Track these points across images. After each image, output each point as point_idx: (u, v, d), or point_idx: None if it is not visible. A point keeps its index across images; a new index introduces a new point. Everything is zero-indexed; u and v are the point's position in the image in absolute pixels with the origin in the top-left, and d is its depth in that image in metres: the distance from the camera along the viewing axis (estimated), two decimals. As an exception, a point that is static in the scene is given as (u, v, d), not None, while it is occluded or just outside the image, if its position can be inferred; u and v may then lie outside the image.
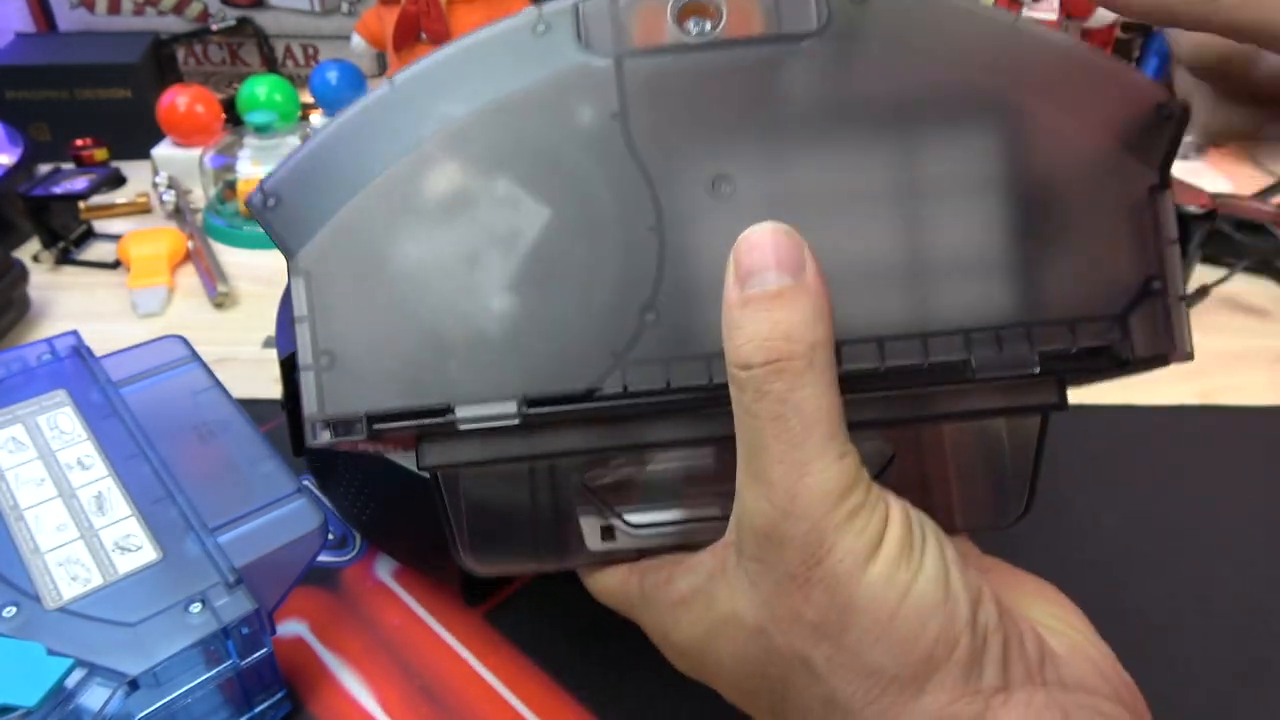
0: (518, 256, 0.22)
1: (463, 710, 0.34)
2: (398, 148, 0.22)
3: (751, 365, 0.20)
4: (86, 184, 0.65)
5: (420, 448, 0.23)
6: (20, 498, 0.33)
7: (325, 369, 0.22)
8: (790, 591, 0.21)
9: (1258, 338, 0.60)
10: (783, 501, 0.20)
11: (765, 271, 0.20)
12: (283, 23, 0.87)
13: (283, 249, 0.22)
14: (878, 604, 0.20)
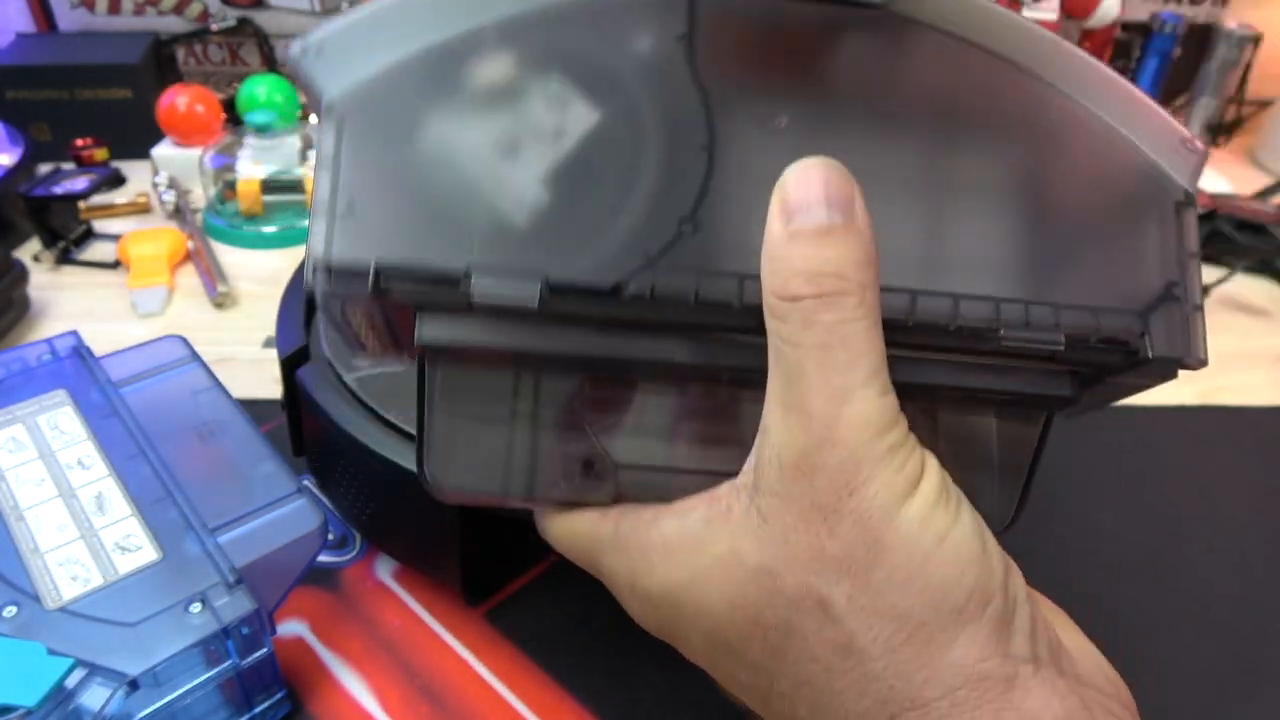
0: (558, 152, 0.21)
1: (463, 710, 0.34)
2: (457, 23, 0.21)
3: (801, 297, 0.19)
4: (86, 184, 0.65)
5: (420, 320, 0.22)
6: (20, 498, 0.33)
7: (341, 215, 0.20)
8: (815, 523, 0.20)
9: (1258, 338, 0.60)
10: (820, 429, 0.19)
11: (815, 206, 0.20)
12: (283, 23, 0.87)
13: (314, 93, 0.21)
14: (912, 544, 0.19)
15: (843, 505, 0.19)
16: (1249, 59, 0.83)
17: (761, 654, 0.21)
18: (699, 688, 0.35)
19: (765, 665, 0.21)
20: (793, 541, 0.20)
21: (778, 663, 0.21)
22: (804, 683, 0.20)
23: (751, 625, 0.21)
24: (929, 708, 0.19)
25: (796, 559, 0.20)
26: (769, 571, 0.20)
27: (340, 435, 0.36)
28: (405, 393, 0.38)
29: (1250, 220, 0.66)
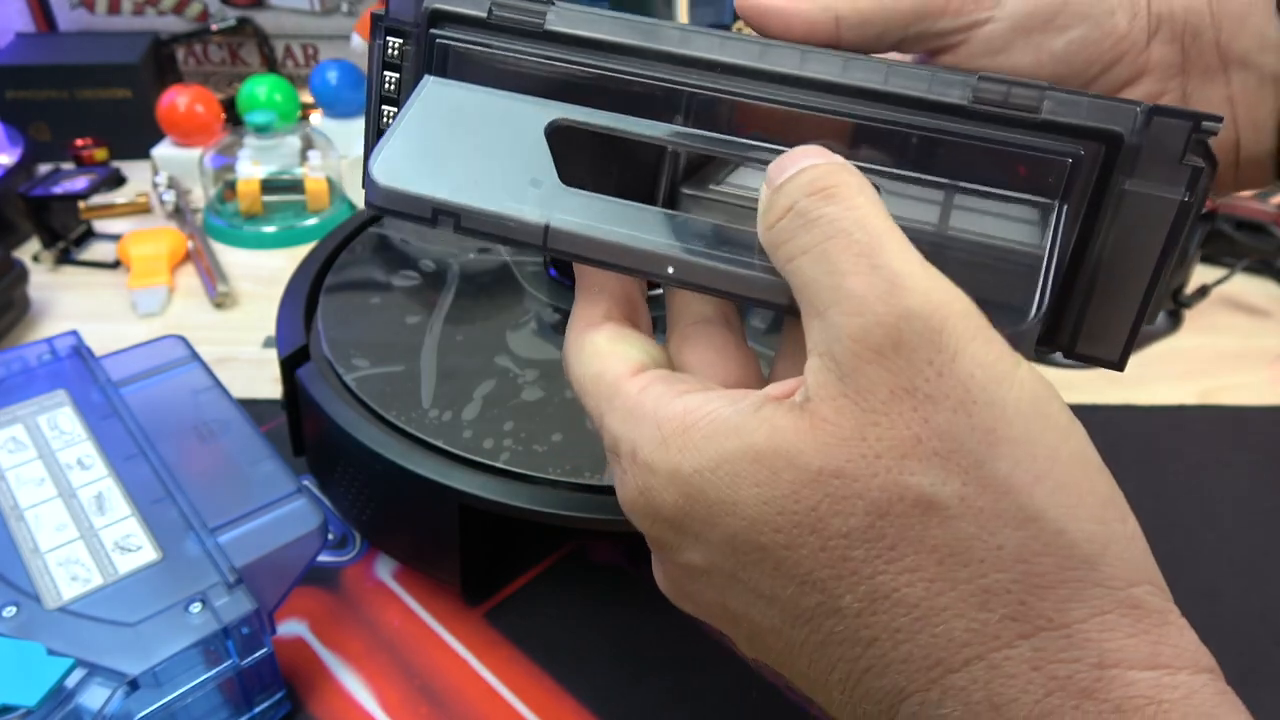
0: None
1: (462, 710, 0.34)
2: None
3: (792, 205, 0.18)
4: (86, 184, 0.65)
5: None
6: (20, 498, 0.33)
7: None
8: (902, 412, 0.17)
9: (1258, 338, 0.60)
10: (876, 305, 0.17)
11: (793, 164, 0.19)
12: (283, 23, 0.87)
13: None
14: (1034, 434, 0.17)
15: (934, 388, 0.17)
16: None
17: (815, 566, 0.18)
18: (699, 687, 0.35)
19: (817, 579, 0.18)
20: (873, 438, 0.17)
21: (841, 576, 0.17)
22: (885, 597, 0.17)
23: (805, 533, 0.17)
24: (1072, 630, 0.16)
25: (881, 457, 0.17)
26: (838, 474, 0.17)
27: (340, 435, 0.36)
28: (405, 393, 0.38)
29: (1250, 220, 0.66)
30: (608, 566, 0.40)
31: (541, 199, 0.22)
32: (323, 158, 0.67)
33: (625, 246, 0.22)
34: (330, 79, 0.76)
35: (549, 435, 0.36)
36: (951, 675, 0.17)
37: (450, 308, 0.44)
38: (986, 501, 0.16)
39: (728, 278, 0.21)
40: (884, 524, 0.17)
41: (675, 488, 0.19)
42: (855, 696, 0.18)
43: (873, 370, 0.17)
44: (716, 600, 0.20)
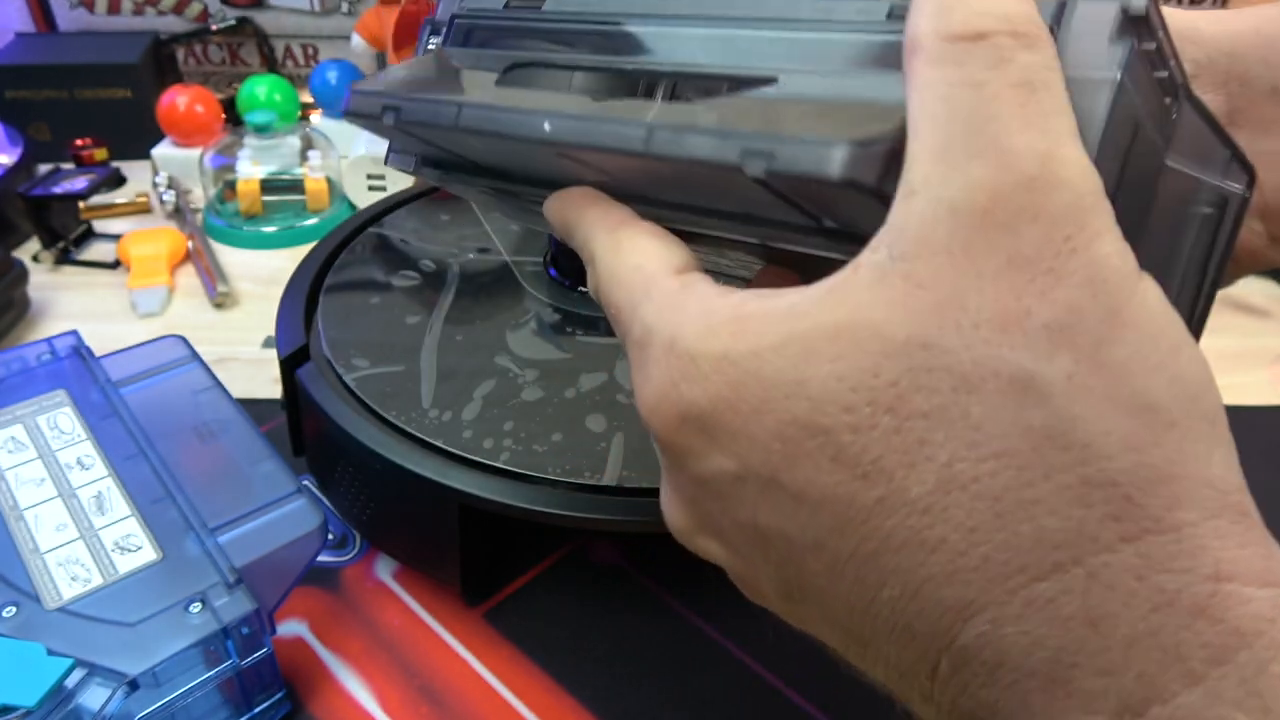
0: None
1: (463, 710, 0.34)
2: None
3: (989, 33, 0.16)
4: (86, 184, 0.65)
5: None
6: (20, 498, 0.33)
7: None
8: (1015, 283, 0.15)
9: (1258, 338, 0.60)
10: (1029, 165, 0.15)
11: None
12: (282, 23, 0.87)
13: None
14: (1159, 324, 0.15)
15: (1062, 263, 0.15)
16: (1249, 59, 0.83)
17: (884, 451, 0.15)
18: (699, 688, 0.35)
19: (884, 467, 0.15)
20: (973, 306, 0.15)
21: (914, 464, 0.15)
22: (963, 487, 0.15)
23: (879, 411, 0.15)
24: (1183, 535, 0.14)
25: (979, 328, 0.15)
26: (926, 344, 0.15)
27: (340, 435, 0.36)
28: (405, 393, 0.38)
29: (1250, 220, 0.66)
30: (608, 566, 0.40)
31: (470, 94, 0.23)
32: (323, 158, 0.67)
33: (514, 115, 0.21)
34: (330, 79, 0.76)
35: (549, 435, 0.36)
36: (1038, 584, 0.14)
37: (450, 308, 0.44)
38: (1099, 382, 0.14)
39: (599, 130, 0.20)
40: (970, 401, 0.15)
41: (721, 375, 0.17)
42: (905, 619, 0.16)
43: (997, 234, 0.15)
44: (745, 517, 0.17)
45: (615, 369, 0.40)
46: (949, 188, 0.15)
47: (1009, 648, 0.15)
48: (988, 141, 0.15)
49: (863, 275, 0.16)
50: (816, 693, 0.35)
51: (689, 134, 0.19)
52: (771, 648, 0.36)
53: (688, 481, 0.18)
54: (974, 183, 0.15)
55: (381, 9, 0.77)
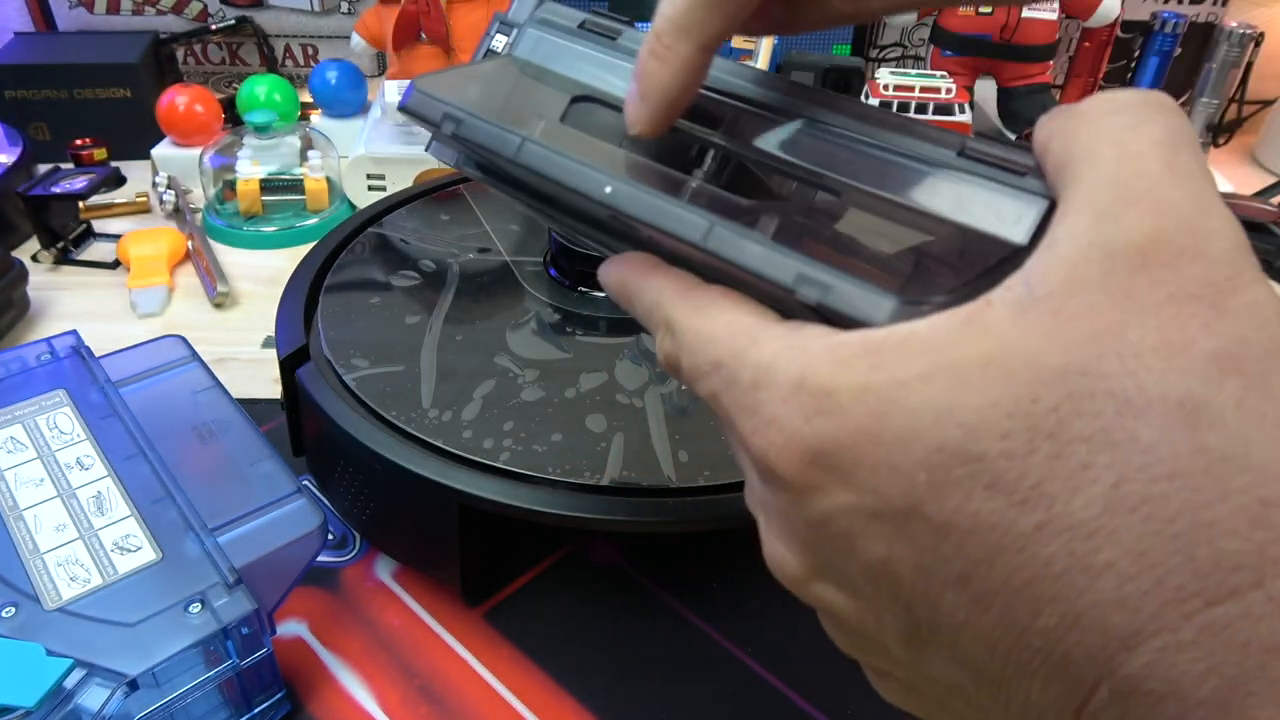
0: None
1: (463, 710, 0.34)
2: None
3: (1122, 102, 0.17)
4: (86, 184, 0.65)
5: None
6: (19, 498, 0.33)
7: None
8: (1179, 316, 0.15)
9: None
10: (1191, 218, 0.15)
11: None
12: (282, 22, 0.87)
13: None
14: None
15: (1224, 300, 0.15)
16: (1250, 58, 0.83)
17: (1044, 476, 0.15)
18: (699, 687, 0.35)
19: (1045, 491, 0.15)
20: (1135, 337, 0.15)
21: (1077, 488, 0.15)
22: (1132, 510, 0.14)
23: (1039, 437, 0.15)
24: None
25: (1142, 356, 0.15)
26: (1086, 371, 0.15)
27: (340, 435, 0.36)
28: (405, 392, 0.38)
29: (1251, 220, 0.66)
30: (608, 566, 0.40)
31: (535, 129, 0.24)
32: (322, 158, 0.67)
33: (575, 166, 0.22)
34: (330, 79, 0.76)
35: (549, 435, 0.36)
36: (1214, 609, 0.14)
37: (450, 308, 0.44)
38: (1271, 408, 0.14)
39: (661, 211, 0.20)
40: (1138, 425, 0.14)
41: (862, 406, 0.16)
42: (1061, 650, 0.15)
43: (1159, 272, 0.15)
44: (875, 556, 0.17)
45: (615, 369, 0.40)
46: (1102, 233, 0.16)
47: (1179, 676, 0.14)
48: (1141, 194, 0.16)
49: (1000, 309, 0.16)
50: (817, 693, 0.35)
51: (748, 241, 0.19)
52: (772, 648, 0.36)
53: (809, 524, 0.18)
54: (1132, 227, 0.15)
55: (381, 8, 0.77)
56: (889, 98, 0.72)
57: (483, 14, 0.75)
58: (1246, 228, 0.28)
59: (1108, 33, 0.85)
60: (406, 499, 0.36)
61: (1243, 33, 0.82)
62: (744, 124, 0.24)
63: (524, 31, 0.28)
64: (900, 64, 0.93)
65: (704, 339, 0.19)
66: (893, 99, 0.72)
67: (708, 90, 0.24)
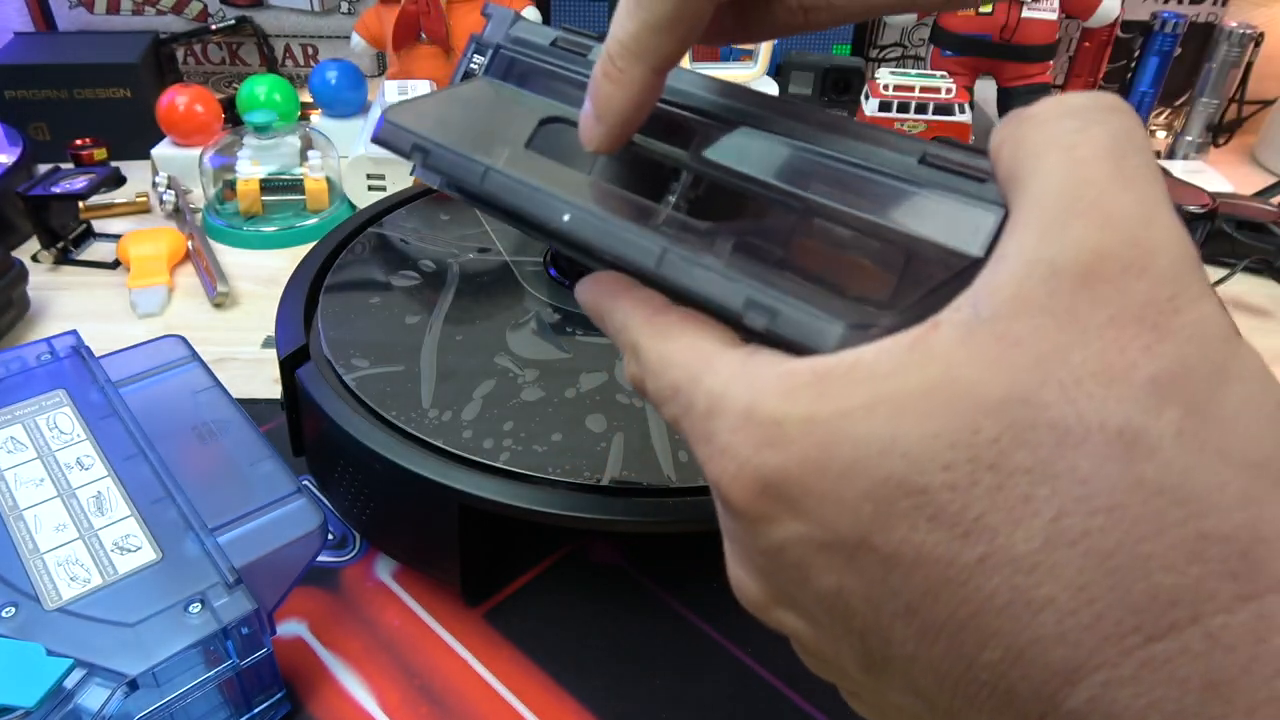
0: None
1: (463, 710, 0.34)
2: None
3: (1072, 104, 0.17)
4: (86, 184, 0.65)
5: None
6: (19, 498, 0.33)
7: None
8: (1120, 339, 0.15)
9: (1258, 338, 0.60)
10: (1137, 229, 0.15)
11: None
12: (282, 22, 0.87)
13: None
14: (1261, 380, 0.15)
15: (1167, 320, 0.15)
16: (1250, 58, 0.83)
17: (986, 508, 0.15)
18: (699, 687, 0.35)
19: (987, 524, 0.15)
20: (1077, 361, 0.15)
21: (1018, 520, 0.15)
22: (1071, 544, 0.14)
23: (980, 469, 0.15)
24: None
25: (1082, 383, 0.14)
26: (1027, 400, 0.15)
27: (340, 435, 0.36)
28: (405, 393, 0.38)
29: (1251, 220, 0.66)
30: (608, 566, 0.40)
31: (500, 156, 0.24)
32: (322, 158, 0.67)
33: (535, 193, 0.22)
34: (330, 79, 0.76)
35: (549, 435, 0.36)
36: (1154, 644, 0.14)
37: (450, 308, 0.44)
38: (1211, 436, 0.14)
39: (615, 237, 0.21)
40: (1077, 456, 0.14)
41: (808, 437, 0.16)
42: (1006, 684, 0.15)
43: (1102, 290, 0.15)
44: (827, 586, 0.17)
45: (615, 369, 0.40)
46: (1047, 248, 0.15)
47: (1121, 712, 0.14)
48: (1087, 204, 0.15)
49: (946, 333, 0.16)
50: (816, 693, 0.35)
51: (698, 267, 0.20)
52: (771, 648, 0.36)
53: (763, 552, 0.18)
54: (1077, 241, 0.15)
55: (381, 8, 0.77)
56: (889, 97, 0.72)
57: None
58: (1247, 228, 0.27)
59: (1108, 33, 0.85)
60: (406, 499, 0.36)
61: (1243, 33, 0.82)
62: (707, 139, 0.24)
63: (498, 52, 0.29)
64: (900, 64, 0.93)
65: (665, 363, 0.20)
66: (893, 99, 0.72)
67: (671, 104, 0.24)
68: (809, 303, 0.18)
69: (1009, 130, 0.17)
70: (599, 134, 0.23)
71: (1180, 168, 0.83)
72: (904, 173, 0.20)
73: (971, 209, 0.19)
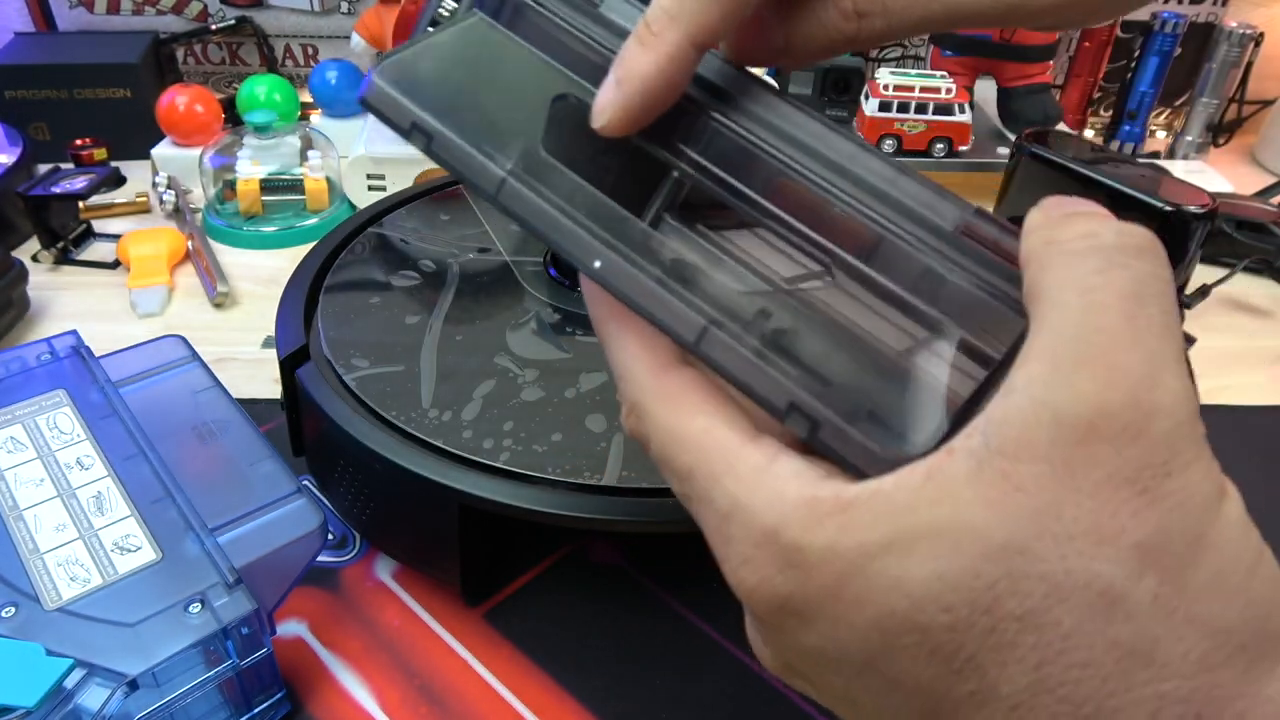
0: None
1: (463, 710, 0.34)
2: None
3: (1100, 236, 0.17)
4: (86, 184, 0.65)
5: None
6: (19, 498, 0.33)
7: None
8: (1113, 501, 0.16)
9: (1258, 338, 0.60)
10: (1137, 389, 0.16)
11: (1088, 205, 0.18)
12: (282, 22, 0.87)
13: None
14: (1236, 550, 0.16)
15: (1157, 485, 0.16)
16: (1250, 58, 0.83)
17: (978, 650, 0.16)
18: (699, 687, 0.35)
19: (978, 664, 0.16)
20: (1070, 518, 0.16)
21: (1005, 664, 0.16)
22: (1049, 691, 0.16)
23: (977, 613, 0.16)
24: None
25: (1074, 539, 0.16)
26: (1023, 551, 0.16)
27: (340, 435, 0.36)
28: (405, 392, 0.38)
29: (1250, 220, 0.66)
30: (608, 566, 0.40)
31: (514, 155, 0.22)
32: (322, 158, 0.67)
33: (567, 226, 0.21)
34: (330, 79, 0.76)
35: (549, 435, 0.36)
36: None
37: (450, 308, 0.44)
38: (1182, 604, 0.16)
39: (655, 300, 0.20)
40: (1062, 610, 0.16)
41: (827, 566, 0.17)
42: None
43: (1099, 449, 0.16)
44: (838, 686, 0.19)
45: (615, 369, 0.40)
46: (1054, 393, 0.16)
47: None
48: (1097, 354, 0.16)
49: (959, 464, 0.17)
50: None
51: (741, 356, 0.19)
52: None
53: (783, 647, 0.19)
54: (1080, 395, 0.16)
55: (381, 8, 0.77)
56: (889, 97, 0.72)
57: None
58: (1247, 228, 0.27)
59: (1107, 33, 0.85)
60: (406, 499, 0.36)
61: (1243, 33, 0.82)
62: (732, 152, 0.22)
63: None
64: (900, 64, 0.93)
65: (676, 441, 0.20)
66: (893, 99, 0.72)
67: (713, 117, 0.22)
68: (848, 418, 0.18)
69: (1038, 247, 0.18)
70: (615, 102, 0.21)
71: (1180, 168, 0.83)
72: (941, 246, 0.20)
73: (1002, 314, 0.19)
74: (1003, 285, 0.19)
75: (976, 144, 0.74)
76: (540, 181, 0.21)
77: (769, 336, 0.20)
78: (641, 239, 0.21)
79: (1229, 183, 0.80)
